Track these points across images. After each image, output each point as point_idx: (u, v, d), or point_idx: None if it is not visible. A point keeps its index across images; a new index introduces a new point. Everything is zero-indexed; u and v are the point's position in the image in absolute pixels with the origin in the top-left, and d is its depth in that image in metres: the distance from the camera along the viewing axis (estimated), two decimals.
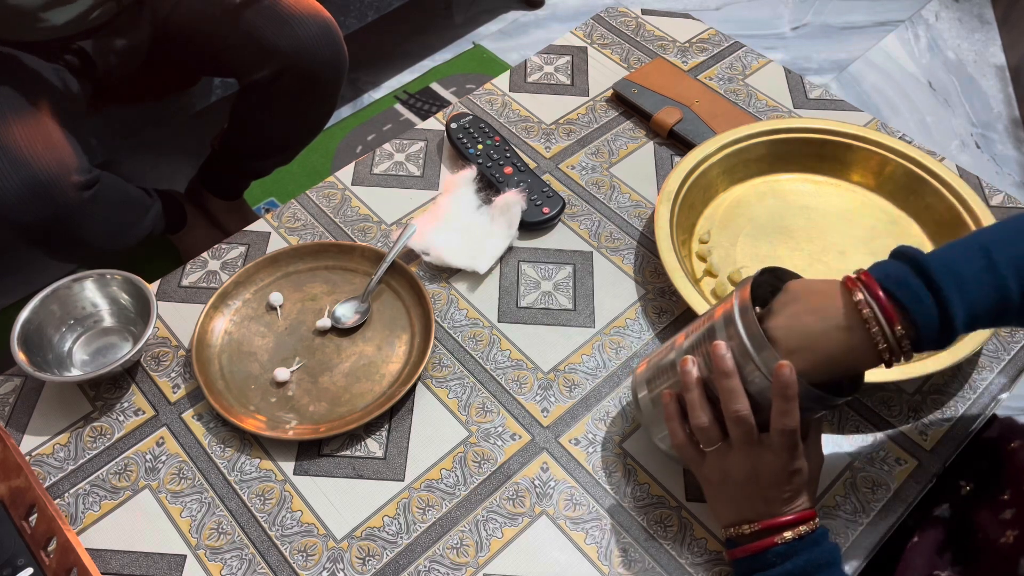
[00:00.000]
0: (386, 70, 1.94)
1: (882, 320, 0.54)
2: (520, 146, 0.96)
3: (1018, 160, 1.84)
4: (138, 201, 1.20)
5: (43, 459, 0.72)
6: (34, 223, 1.00)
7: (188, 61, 1.26)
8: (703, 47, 1.08)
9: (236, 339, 0.79)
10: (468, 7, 2.10)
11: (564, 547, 0.67)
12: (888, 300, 0.54)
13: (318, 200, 0.91)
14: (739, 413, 0.57)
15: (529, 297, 0.82)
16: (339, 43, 1.19)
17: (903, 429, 0.73)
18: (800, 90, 1.02)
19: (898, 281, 0.54)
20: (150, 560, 0.66)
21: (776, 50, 2.03)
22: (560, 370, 0.77)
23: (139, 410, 0.75)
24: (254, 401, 0.75)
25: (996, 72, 2.02)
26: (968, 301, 0.53)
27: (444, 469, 0.71)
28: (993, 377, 0.76)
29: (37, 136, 0.99)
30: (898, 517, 0.69)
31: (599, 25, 1.11)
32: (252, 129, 1.30)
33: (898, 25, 2.12)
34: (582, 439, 0.73)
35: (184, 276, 0.85)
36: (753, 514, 0.59)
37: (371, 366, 0.77)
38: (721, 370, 0.57)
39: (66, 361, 0.76)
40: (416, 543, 0.67)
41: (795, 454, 0.57)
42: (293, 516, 0.68)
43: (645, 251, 0.86)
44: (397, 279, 0.82)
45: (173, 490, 0.70)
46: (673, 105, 0.97)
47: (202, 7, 1.16)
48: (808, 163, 0.91)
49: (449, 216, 0.85)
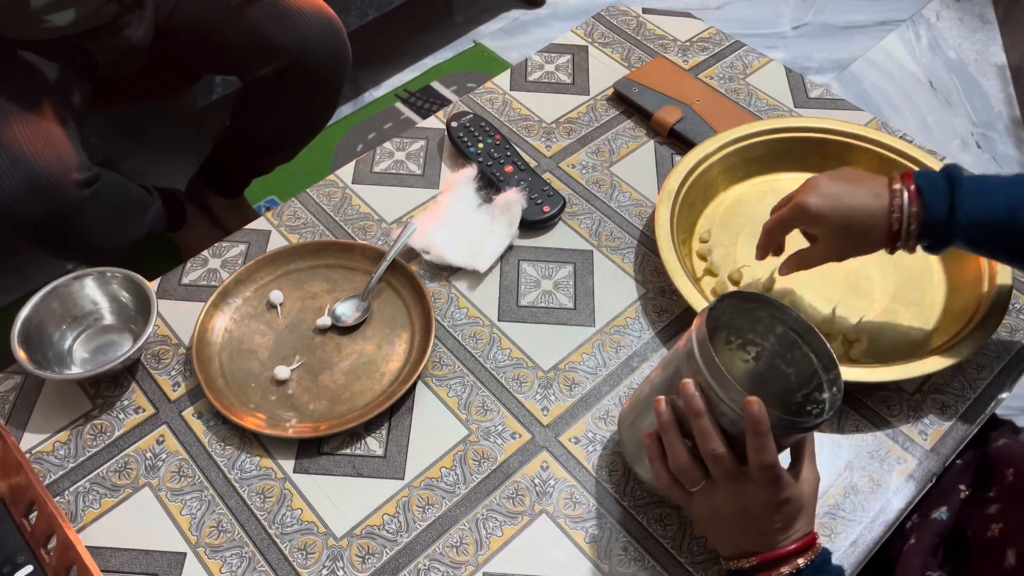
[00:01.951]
0: (387, 68, 1.94)
1: (904, 196, 0.66)
2: (521, 145, 0.96)
3: (1019, 160, 1.84)
4: (138, 199, 1.20)
5: (43, 457, 0.72)
6: (34, 221, 1.00)
7: (190, 59, 1.26)
8: (704, 46, 1.08)
9: (236, 337, 0.79)
10: (469, 6, 2.10)
11: (564, 546, 0.67)
12: (914, 186, 0.66)
13: (318, 198, 0.91)
14: (715, 452, 0.56)
15: (529, 296, 0.82)
16: (342, 40, 1.19)
17: (903, 429, 0.73)
18: (801, 89, 1.02)
19: (927, 176, 0.67)
20: (150, 558, 0.66)
21: (777, 49, 2.03)
22: (560, 369, 0.77)
23: (139, 408, 0.75)
24: (254, 399, 0.75)
25: (997, 72, 2.01)
26: (975, 207, 0.65)
27: (444, 468, 0.71)
28: (993, 377, 0.76)
29: (38, 134, 0.99)
30: (897, 517, 0.69)
31: (600, 24, 1.11)
32: (254, 127, 1.30)
33: (899, 24, 2.11)
34: (582, 438, 0.73)
35: (184, 274, 0.85)
36: (750, 546, 0.58)
37: (371, 364, 0.77)
38: (692, 410, 0.56)
39: (66, 359, 0.76)
40: (416, 541, 0.67)
41: (779, 485, 0.56)
42: (293, 514, 0.69)
43: (645, 250, 0.86)
44: (397, 278, 0.82)
45: (173, 488, 0.70)
46: (674, 104, 0.97)
47: (205, 5, 1.16)
48: (809, 162, 0.91)
49: (449, 215, 0.85)
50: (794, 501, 0.57)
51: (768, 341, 0.63)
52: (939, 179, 0.67)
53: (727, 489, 0.57)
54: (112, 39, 1.11)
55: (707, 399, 0.56)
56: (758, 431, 0.54)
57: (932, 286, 0.82)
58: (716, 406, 0.56)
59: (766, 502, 0.56)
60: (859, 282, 0.82)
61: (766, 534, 0.57)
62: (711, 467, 0.57)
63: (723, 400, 0.55)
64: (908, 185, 0.67)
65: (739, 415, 0.54)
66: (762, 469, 0.55)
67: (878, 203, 0.67)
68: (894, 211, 0.66)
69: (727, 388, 0.54)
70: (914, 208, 0.66)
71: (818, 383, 0.60)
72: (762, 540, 0.57)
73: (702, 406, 0.56)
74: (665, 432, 0.59)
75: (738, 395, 0.54)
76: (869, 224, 0.68)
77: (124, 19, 1.10)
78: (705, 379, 0.56)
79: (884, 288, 0.82)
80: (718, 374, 0.55)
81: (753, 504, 0.56)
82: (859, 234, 0.69)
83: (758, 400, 0.53)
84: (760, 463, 0.55)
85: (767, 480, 0.55)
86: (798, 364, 0.61)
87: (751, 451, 0.55)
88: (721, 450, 0.56)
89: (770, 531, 0.57)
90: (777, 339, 0.62)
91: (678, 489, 0.60)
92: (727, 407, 0.55)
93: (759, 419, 0.53)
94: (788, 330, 0.61)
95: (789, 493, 0.56)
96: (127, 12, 1.09)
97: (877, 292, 0.82)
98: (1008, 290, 0.76)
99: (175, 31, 1.18)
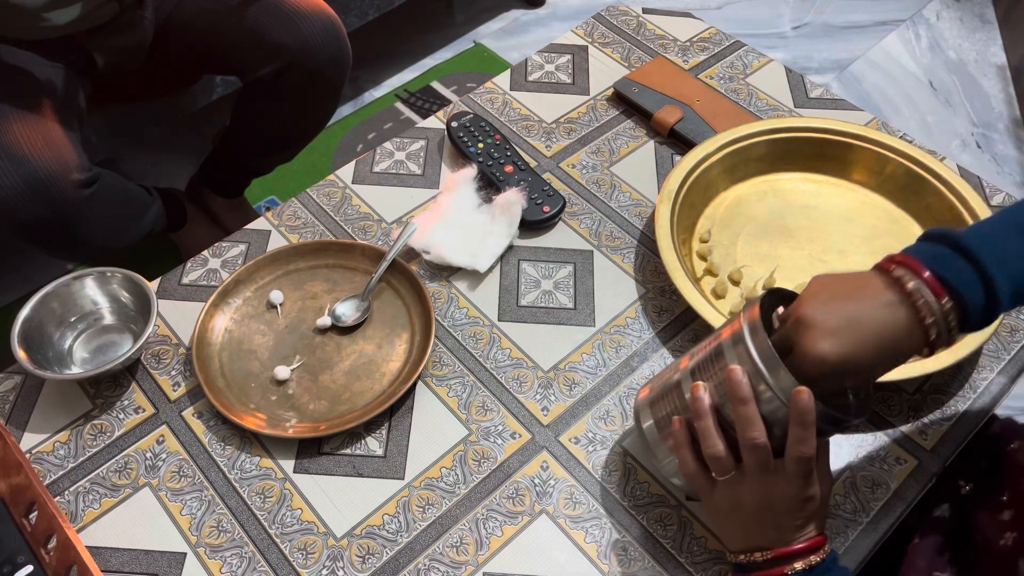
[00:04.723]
0: (387, 68, 1.94)
1: (927, 293, 0.52)
2: (521, 145, 0.96)
3: (1019, 160, 1.84)
4: (138, 199, 1.20)
5: (43, 457, 0.72)
6: (34, 221, 1.00)
7: (190, 59, 1.26)
8: (704, 46, 1.08)
9: (236, 337, 0.79)
10: (469, 6, 2.10)
11: (564, 546, 0.67)
12: (931, 275, 0.53)
13: (319, 198, 0.91)
14: (756, 441, 0.55)
15: (529, 296, 0.82)
16: (343, 40, 1.19)
17: (903, 429, 0.73)
18: (801, 89, 1.02)
19: (937, 257, 0.53)
20: (150, 558, 0.66)
21: (777, 49, 2.03)
22: (560, 369, 0.77)
23: (139, 408, 0.75)
24: (254, 399, 0.75)
25: (997, 72, 2.01)
26: (1011, 273, 0.52)
27: (444, 467, 0.71)
28: (993, 377, 0.76)
29: (38, 134, 0.99)
30: (898, 517, 0.69)
31: (600, 24, 1.11)
32: (255, 126, 1.30)
33: (899, 24, 2.11)
34: (582, 438, 0.73)
35: (184, 274, 0.85)
36: (764, 541, 0.58)
37: (371, 364, 0.77)
38: (738, 396, 0.55)
39: (66, 359, 0.76)
40: (416, 541, 0.67)
41: (809, 480, 0.56)
42: (293, 514, 0.69)
43: (645, 250, 0.86)
44: (397, 277, 0.82)
45: (173, 488, 0.70)
46: (674, 104, 0.97)
47: (205, 5, 1.16)
48: (809, 162, 0.91)
49: (449, 215, 0.85)
50: (816, 500, 0.57)
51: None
52: (946, 255, 0.54)
53: (757, 479, 0.57)
54: (112, 39, 1.11)
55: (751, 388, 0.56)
56: (804, 422, 0.53)
57: None
58: (757, 394, 0.55)
59: (794, 495, 0.56)
60: None
61: (783, 530, 0.57)
62: (747, 456, 0.56)
63: (771, 389, 0.55)
64: (921, 274, 0.53)
65: (784, 404, 0.54)
66: (799, 461, 0.55)
67: (900, 315, 0.53)
68: (924, 318, 0.53)
69: (778, 377, 0.54)
70: (946, 304, 0.52)
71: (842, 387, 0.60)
72: (778, 536, 0.57)
73: (749, 392, 0.55)
74: (701, 418, 0.58)
75: (789, 384, 0.54)
76: (898, 344, 0.54)
77: (124, 18, 1.10)
78: (756, 366, 0.55)
79: None
80: (771, 362, 0.54)
81: (780, 498, 0.56)
82: (890, 360, 0.56)
83: (808, 391, 0.53)
84: (799, 454, 0.54)
85: (800, 473, 0.55)
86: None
87: (792, 441, 0.54)
88: (763, 438, 0.55)
89: (789, 527, 0.57)
90: None
91: (703, 478, 0.60)
92: (771, 397, 0.55)
93: (807, 410, 0.53)
94: None
95: (814, 491, 0.56)
96: (127, 11, 1.09)
97: None
98: None
99: (175, 31, 1.18)
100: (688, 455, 0.60)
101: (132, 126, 1.58)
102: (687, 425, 0.60)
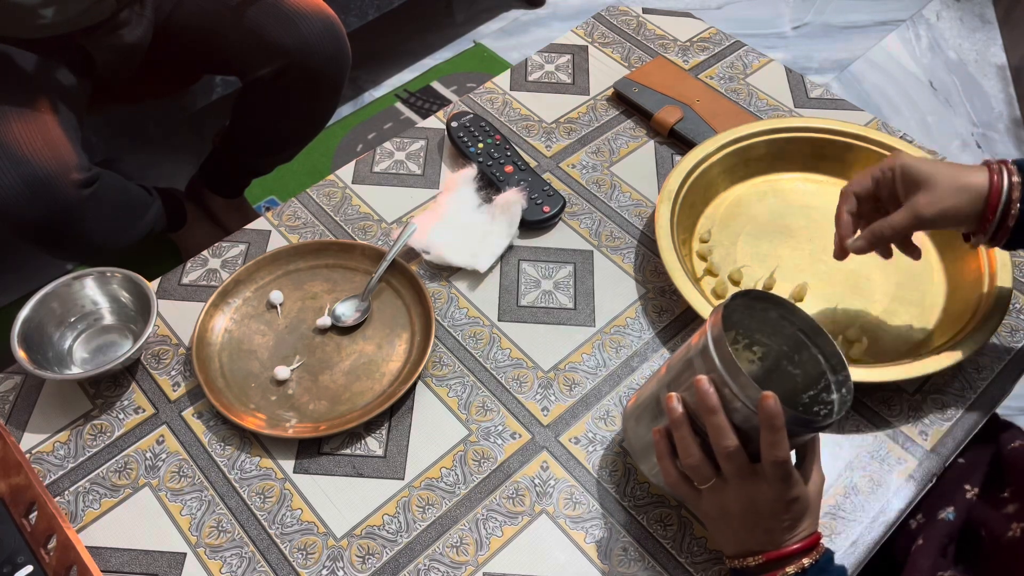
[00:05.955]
0: (387, 68, 1.94)
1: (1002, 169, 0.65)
2: (521, 145, 0.96)
3: None
4: (138, 199, 1.20)
5: (43, 457, 0.72)
6: (34, 221, 1.00)
7: (190, 59, 1.26)
8: (704, 46, 1.08)
9: (236, 337, 0.79)
10: (469, 6, 2.10)
11: (564, 546, 0.67)
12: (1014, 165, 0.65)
13: (318, 198, 0.91)
14: (728, 449, 0.56)
15: (529, 296, 0.82)
16: (343, 40, 1.19)
17: (903, 429, 0.73)
18: (801, 89, 1.02)
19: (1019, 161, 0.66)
20: (150, 558, 0.66)
21: (777, 49, 2.03)
22: (560, 369, 0.77)
23: (139, 408, 0.75)
24: (254, 399, 0.75)
25: (997, 72, 2.01)
26: None
27: (444, 468, 0.71)
28: (993, 377, 0.76)
29: (37, 134, 0.99)
30: (897, 517, 0.69)
31: (600, 24, 1.10)
32: (254, 126, 1.30)
33: (899, 24, 2.11)
34: (582, 438, 0.73)
35: (184, 274, 0.85)
36: (756, 545, 0.58)
37: (371, 364, 0.77)
38: (706, 406, 0.56)
39: (66, 359, 0.76)
40: (416, 541, 0.67)
41: (790, 482, 0.56)
42: (293, 514, 0.69)
43: (645, 250, 0.86)
44: (397, 278, 0.82)
45: (173, 488, 0.70)
46: (674, 104, 0.97)
47: (205, 5, 1.16)
48: (809, 162, 0.91)
49: (449, 215, 0.85)
50: (802, 500, 0.57)
51: (775, 341, 0.63)
52: None
53: (738, 487, 0.57)
54: (111, 38, 1.11)
55: (720, 396, 0.56)
56: (773, 426, 0.54)
57: (932, 286, 0.82)
58: (729, 403, 0.56)
59: (776, 499, 0.56)
60: (859, 282, 0.82)
61: (773, 533, 0.57)
62: (723, 464, 0.57)
63: (737, 397, 0.55)
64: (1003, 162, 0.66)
65: (752, 411, 0.54)
66: (775, 465, 0.55)
67: (979, 175, 0.65)
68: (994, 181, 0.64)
69: (742, 384, 0.54)
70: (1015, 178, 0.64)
71: (825, 384, 0.60)
72: (768, 539, 0.57)
73: (717, 402, 0.56)
74: (677, 429, 0.59)
75: (754, 391, 0.54)
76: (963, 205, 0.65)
77: (122, 17, 1.10)
78: (720, 375, 0.55)
79: (884, 288, 0.82)
80: (734, 370, 0.55)
81: (763, 502, 0.56)
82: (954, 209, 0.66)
83: (774, 395, 0.53)
84: (773, 459, 0.55)
85: (779, 477, 0.55)
86: (805, 365, 0.61)
87: (765, 447, 0.55)
88: (735, 446, 0.56)
89: (777, 530, 0.57)
90: (785, 339, 0.62)
91: (687, 487, 0.60)
92: (741, 404, 0.55)
93: (774, 414, 0.53)
94: (797, 331, 0.61)
95: (798, 492, 0.56)
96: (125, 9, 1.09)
97: (877, 292, 0.82)
98: (1008, 291, 0.76)
99: (175, 31, 1.18)
100: (670, 465, 0.60)
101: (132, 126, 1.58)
102: (667, 435, 0.60)
